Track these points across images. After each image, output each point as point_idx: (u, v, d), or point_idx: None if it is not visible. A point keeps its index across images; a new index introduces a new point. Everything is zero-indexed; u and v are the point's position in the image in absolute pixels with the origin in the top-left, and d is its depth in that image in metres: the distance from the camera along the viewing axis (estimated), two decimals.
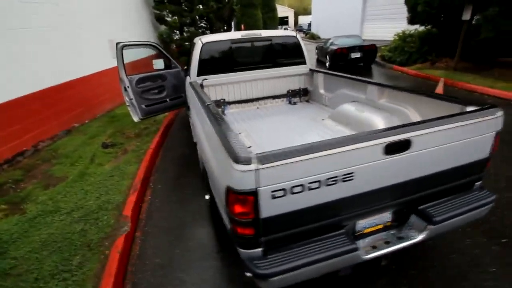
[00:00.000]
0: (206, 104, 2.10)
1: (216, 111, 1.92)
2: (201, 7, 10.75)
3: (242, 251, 1.44)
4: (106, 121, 6.05)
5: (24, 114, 4.54)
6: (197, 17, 10.79)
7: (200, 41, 3.38)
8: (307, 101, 4.07)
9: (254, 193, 1.25)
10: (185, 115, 6.26)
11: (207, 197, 2.77)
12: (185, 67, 4.85)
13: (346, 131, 2.59)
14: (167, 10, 10.25)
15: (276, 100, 3.99)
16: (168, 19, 10.18)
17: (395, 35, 11.44)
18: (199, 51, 3.38)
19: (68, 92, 5.56)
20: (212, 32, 11.76)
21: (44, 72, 5.02)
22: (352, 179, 1.36)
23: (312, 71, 3.93)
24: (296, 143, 1.36)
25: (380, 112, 2.52)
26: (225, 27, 12.39)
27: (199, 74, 3.44)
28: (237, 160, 1.22)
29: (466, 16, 7.60)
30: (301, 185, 1.29)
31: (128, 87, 4.32)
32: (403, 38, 10.87)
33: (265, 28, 20.80)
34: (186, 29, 10.81)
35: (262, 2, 20.42)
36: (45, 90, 4.97)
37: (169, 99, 4.79)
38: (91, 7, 6.68)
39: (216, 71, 3.55)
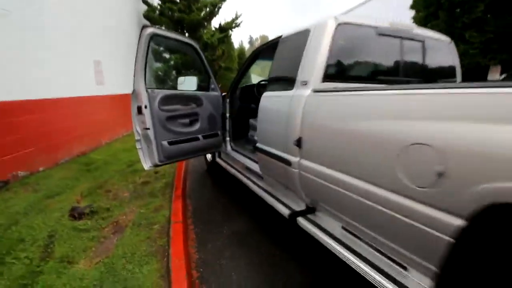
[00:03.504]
0: None
1: None
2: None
3: None
4: (76, 170, 3.75)
5: None
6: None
7: (332, 22, 1.73)
8: None
9: None
10: (199, 165, 4.24)
11: None
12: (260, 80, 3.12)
13: None
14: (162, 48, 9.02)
15: None
16: (167, 55, 8.80)
17: None
18: (329, 39, 1.70)
19: (20, 118, 3.36)
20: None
21: None
22: None
23: None
24: None
25: None
26: None
27: (326, 79, 1.72)
28: None
29: None
30: None
31: (145, 106, 2.40)
32: None
33: None
34: (183, 72, 9.52)
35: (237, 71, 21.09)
36: None
37: (202, 135, 2.90)
38: (79, 25, 4.97)
39: (350, 78, 1.87)
